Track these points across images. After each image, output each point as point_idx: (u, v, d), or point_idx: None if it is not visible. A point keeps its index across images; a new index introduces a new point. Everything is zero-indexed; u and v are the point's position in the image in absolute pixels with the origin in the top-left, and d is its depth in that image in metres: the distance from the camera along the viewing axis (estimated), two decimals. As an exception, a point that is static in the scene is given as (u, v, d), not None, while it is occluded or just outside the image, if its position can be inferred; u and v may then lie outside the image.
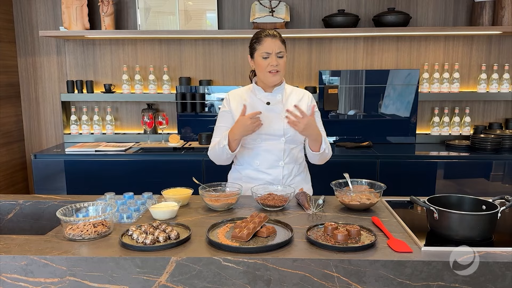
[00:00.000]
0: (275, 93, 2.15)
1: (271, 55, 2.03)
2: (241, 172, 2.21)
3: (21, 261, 1.37)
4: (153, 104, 3.72)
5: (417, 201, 1.56)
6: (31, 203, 1.97)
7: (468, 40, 3.57)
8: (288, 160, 2.15)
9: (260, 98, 2.15)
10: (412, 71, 3.48)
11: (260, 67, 2.07)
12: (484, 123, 3.66)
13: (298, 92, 2.22)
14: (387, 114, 3.56)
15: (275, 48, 2.03)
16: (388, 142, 3.59)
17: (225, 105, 2.21)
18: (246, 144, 2.15)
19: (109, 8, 3.45)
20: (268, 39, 2.04)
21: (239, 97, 2.19)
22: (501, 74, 3.53)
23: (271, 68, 2.04)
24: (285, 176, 2.15)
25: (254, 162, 2.15)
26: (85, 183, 3.18)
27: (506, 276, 1.32)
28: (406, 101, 3.52)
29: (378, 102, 3.55)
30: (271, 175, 2.14)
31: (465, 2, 3.51)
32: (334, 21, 3.37)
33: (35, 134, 3.84)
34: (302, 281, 1.34)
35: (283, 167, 2.14)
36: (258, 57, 2.06)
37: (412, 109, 3.53)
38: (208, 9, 3.54)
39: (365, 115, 3.57)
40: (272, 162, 2.14)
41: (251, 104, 2.14)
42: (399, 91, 3.51)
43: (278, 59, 2.05)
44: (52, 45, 3.70)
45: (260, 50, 2.05)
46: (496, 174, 3.16)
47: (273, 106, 2.13)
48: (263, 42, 2.05)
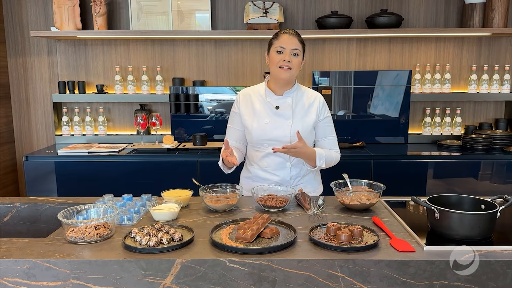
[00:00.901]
0: (285, 96, 2.13)
1: (285, 50, 2.01)
2: (251, 171, 2.22)
3: (24, 264, 1.35)
4: (146, 105, 3.70)
5: (418, 201, 1.58)
6: (28, 206, 1.94)
7: (459, 42, 3.62)
8: (295, 161, 2.14)
9: (270, 101, 2.13)
10: (401, 72, 3.51)
11: (273, 61, 2.05)
12: (474, 123, 3.72)
13: (309, 95, 2.17)
14: (378, 114, 3.59)
15: (291, 44, 2.01)
16: (380, 142, 3.62)
17: (235, 105, 2.21)
18: (254, 147, 2.17)
19: (102, 8, 3.42)
20: (286, 35, 2.03)
21: (249, 99, 2.17)
22: (491, 75, 3.58)
23: (283, 63, 2.01)
24: (293, 177, 2.16)
25: (262, 164, 2.16)
26: (78, 184, 3.15)
27: (507, 274, 1.35)
28: (397, 102, 3.55)
29: (367, 102, 3.58)
30: (279, 176, 2.15)
31: (455, 4, 3.56)
32: (327, 22, 3.39)
33: (26, 135, 3.79)
34: (307, 282, 1.35)
35: (290, 169, 2.15)
36: (273, 51, 2.05)
37: (404, 110, 3.56)
38: (201, 9, 3.53)
39: (355, 115, 3.60)
40: (279, 164, 2.14)
41: (260, 107, 2.13)
42: (391, 91, 3.54)
43: (292, 56, 2.02)
44: (43, 45, 3.66)
45: (276, 44, 2.04)
46: (485, 173, 3.20)
47: (282, 111, 2.11)
48: (280, 37, 2.04)
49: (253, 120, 2.12)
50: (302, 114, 2.12)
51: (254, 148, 2.18)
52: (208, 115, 3.60)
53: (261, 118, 2.11)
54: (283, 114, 2.11)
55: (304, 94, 2.17)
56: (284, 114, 2.11)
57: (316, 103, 2.16)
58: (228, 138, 2.20)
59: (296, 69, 2.05)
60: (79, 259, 1.35)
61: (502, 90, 3.57)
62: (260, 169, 2.17)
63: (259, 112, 2.12)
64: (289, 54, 2.01)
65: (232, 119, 2.22)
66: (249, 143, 2.21)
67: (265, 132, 2.09)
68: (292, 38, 2.03)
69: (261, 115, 2.11)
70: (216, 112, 3.58)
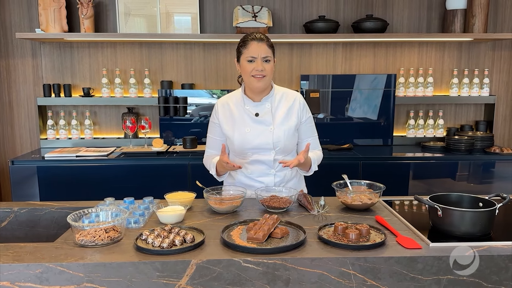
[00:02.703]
0: (263, 102, 2.10)
1: (256, 59, 1.97)
2: (234, 177, 2.20)
3: (36, 269, 1.33)
4: (133, 108, 3.67)
5: (421, 200, 1.64)
6: (27, 210, 1.91)
7: (440, 46, 3.74)
8: (279, 168, 2.13)
9: (249, 109, 2.10)
10: (382, 76, 3.61)
11: (245, 71, 2.01)
12: (456, 125, 3.84)
13: (288, 97, 2.14)
14: (362, 117, 3.66)
15: (261, 52, 1.97)
16: (364, 144, 3.70)
17: (214, 116, 2.18)
18: (237, 156, 2.15)
19: (89, 11, 3.39)
20: (254, 42, 1.98)
21: (228, 108, 2.14)
22: (471, 78, 3.72)
23: (256, 72, 1.98)
24: (277, 183, 2.14)
25: (246, 171, 2.15)
26: (66, 188, 3.09)
27: (509, 268, 1.41)
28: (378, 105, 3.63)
29: (346, 106, 3.64)
30: (263, 183, 2.12)
31: (438, 10, 3.68)
32: (315, 27, 3.44)
33: (9, 139, 3.70)
34: (320, 280, 1.38)
35: (275, 175, 2.14)
36: (244, 60, 2.01)
37: (388, 112, 3.65)
38: (189, 12, 3.53)
39: (337, 118, 3.65)
40: (263, 171, 2.13)
41: (239, 116, 2.11)
42: (373, 95, 3.62)
43: (264, 63, 1.98)
44: (27, 48, 3.59)
45: (246, 54, 1.99)
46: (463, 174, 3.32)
47: (262, 118, 2.08)
48: (248, 45, 1.99)
49: (234, 129, 2.09)
50: (283, 118, 2.09)
51: (237, 156, 2.15)
52: (196, 118, 3.60)
53: (242, 126, 2.09)
54: (263, 121, 2.08)
55: (282, 97, 2.13)
56: (265, 120, 2.08)
57: (296, 106, 2.12)
58: (209, 147, 2.20)
59: (269, 75, 2.02)
60: (93, 262, 1.35)
61: (482, 93, 3.70)
62: (244, 175, 2.16)
63: (239, 121, 2.09)
64: (260, 62, 1.97)
65: (212, 129, 2.20)
66: (231, 152, 2.18)
67: (247, 141, 2.07)
68: (261, 45, 1.98)
69: (241, 124, 2.09)
70: (203, 115, 3.59)
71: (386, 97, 3.63)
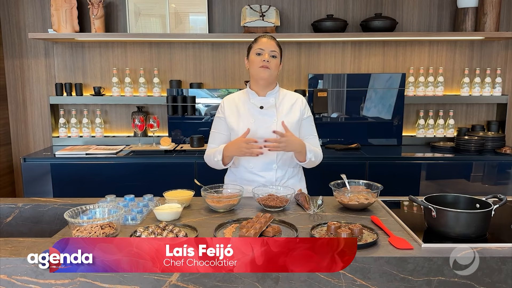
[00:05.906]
0: (268, 97, 2.19)
1: (264, 52, 2.09)
2: (236, 174, 2.25)
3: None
4: (143, 107, 3.72)
5: (416, 200, 1.63)
6: (31, 207, 1.96)
7: (452, 45, 3.69)
8: (281, 163, 2.19)
9: (254, 102, 2.19)
10: (395, 75, 3.57)
11: (253, 63, 2.12)
12: (467, 125, 3.79)
13: (291, 96, 2.25)
14: (372, 116, 3.64)
15: (269, 46, 2.10)
16: (374, 144, 3.68)
17: (219, 111, 2.24)
18: None
19: (99, 11, 3.45)
20: (264, 38, 2.13)
21: (234, 103, 2.22)
22: (483, 78, 3.66)
23: (262, 63, 2.08)
24: (279, 179, 2.19)
25: (248, 165, 2.19)
26: (76, 186, 3.16)
27: (502, 270, 1.40)
28: (391, 104, 3.61)
29: (360, 105, 3.62)
30: (264, 178, 2.17)
31: (448, 8, 3.63)
32: (323, 26, 3.44)
33: (22, 137, 3.79)
34: (309, 278, 1.39)
35: (276, 170, 2.18)
36: (253, 54, 2.12)
37: (398, 112, 3.62)
38: (198, 12, 3.56)
39: (349, 117, 3.64)
40: (265, 165, 2.18)
41: (245, 109, 2.18)
42: (385, 94, 3.59)
43: (271, 58, 2.09)
44: (40, 48, 3.67)
45: (255, 47, 2.12)
46: (478, 174, 3.27)
47: (266, 111, 2.17)
48: (258, 40, 2.13)
49: (238, 121, 2.17)
50: (286, 112, 2.18)
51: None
52: (204, 117, 3.63)
53: (246, 118, 2.16)
54: (267, 113, 2.17)
55: (286, 96, 2.24)
56: (269, 113, 2.17)
57: (298, 103, 2.22)
58: (212, 143, 2.23)
59: (274, 70, 2.12)
60: (87, 258, 1.38)
61: (494, 93, 3.64)
62: (246, 171, 2.20)
63: (244, 113, 2.17)
64: (268, 55, 2.09)
65: (216, 124, 2.25)
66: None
67: (252, 132, 2.12)
68: (270, 41, 2.12)
69: (246, 116, 2.17)
70: (212, 114, 3.62)
71: (398, 97, 3.59)
